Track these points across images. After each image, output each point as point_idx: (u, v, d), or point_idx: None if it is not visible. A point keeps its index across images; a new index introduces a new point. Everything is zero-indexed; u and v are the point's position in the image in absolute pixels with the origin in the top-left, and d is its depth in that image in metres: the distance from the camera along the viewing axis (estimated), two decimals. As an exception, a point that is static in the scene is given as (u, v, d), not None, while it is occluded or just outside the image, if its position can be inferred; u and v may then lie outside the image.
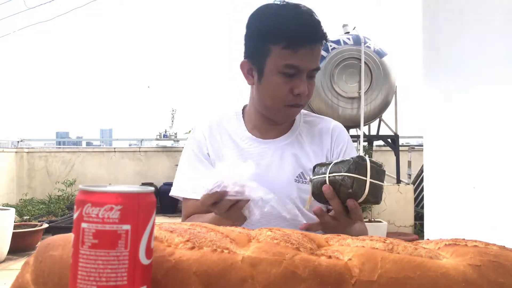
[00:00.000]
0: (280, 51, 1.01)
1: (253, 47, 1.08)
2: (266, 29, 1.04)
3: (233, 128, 1.17)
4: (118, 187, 0.43)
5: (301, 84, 1.03)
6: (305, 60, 1.02)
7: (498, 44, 1.75)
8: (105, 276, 0.40)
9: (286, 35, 1.00)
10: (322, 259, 0.48)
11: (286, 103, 1.06)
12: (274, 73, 1.04)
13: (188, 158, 1.17)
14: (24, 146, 8.27)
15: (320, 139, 1.18)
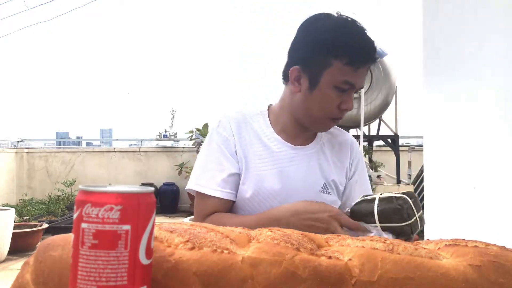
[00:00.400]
0: (341, 66, 1.01)
1: (309, 56, 1.05)
2: (330, 42, 1.02)
3: (260, 128, 1.14)
4: (118, 187, 0.43)
5: (349, 100, 1.05)
6: (361, 78, 1.04)
7: (498, 44, 1.75)
8: (105, 276, 0.40)
9: (351, 52, 1.00)
10: (322, 259, 0.48)
11: (331, 116, 1.07)
12: (329, 86, 1.03)
13: (213, 153, 1.11)
14: (24, 146, 8.26)
15: (340, 151, 1.20)
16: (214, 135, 1.13)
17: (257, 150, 1.10)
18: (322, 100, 1.05)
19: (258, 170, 1.08)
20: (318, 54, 1.03)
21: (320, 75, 1.04)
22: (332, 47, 1.02)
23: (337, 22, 1.05)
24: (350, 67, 1.01)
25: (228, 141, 1.11)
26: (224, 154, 1.09)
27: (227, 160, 1.09)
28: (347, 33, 1.03)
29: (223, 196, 1.07)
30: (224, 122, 1.13)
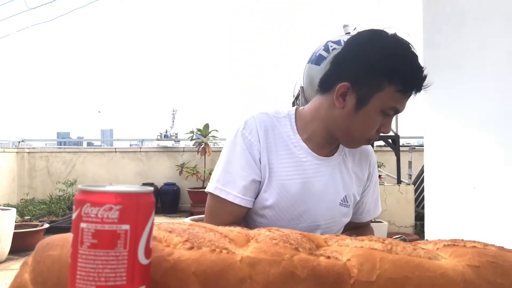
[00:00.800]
0: (393, 92, 0.99)
1: (363, 76, 1.01)
2: (388, 67, 0.99)
3: (287, 133, 1.10)
4: (117, 187, 0.43)
5: (389, 125, 1.04)
6: (405, 106, 1.03)
7: (498, 44, 1.75)
8: (104, 276, 0.41)
9: (406, 80, 0.99)
10: (321, 260, 0.48)
11: (369, 137, 1.06)
12: (376, 110, 1.01)
13: (236, 156, 1.06)
14: (25, 146, 8.27)
15: (360, 162, 1.18)
16: (239, 137, 1.08)
17: (282, 158, 1.07)
18: (366, 122, 1.03)
19: (281, 179, 1.06)
20: (373, 77, 1.00)
21: (370, 98, 1.00)
22: (389, 72, 0.98)
23: (395, 45, 1.01)
24: (400, 94, 0.99)
25: (253, 146, 1.06)
26: (248, 160, 1.05)
27: (250, 166, 1.05)
28: (404, 60, 0.99)
29: (242, 204, 1.04)
30: (250, 125, 1.08)
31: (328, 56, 5.66)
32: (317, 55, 5.86)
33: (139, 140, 8.98)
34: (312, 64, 6.05)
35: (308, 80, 6.34)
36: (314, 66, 5.97)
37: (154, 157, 7.78)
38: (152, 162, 7.72)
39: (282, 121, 1.12)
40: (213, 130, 7.54)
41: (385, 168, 6.01)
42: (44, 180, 7.61)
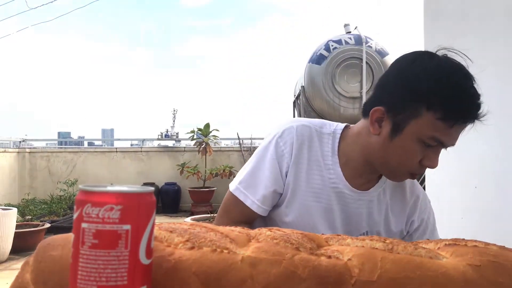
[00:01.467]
0: (433, 120, 0.88)
1: (399, 100, 0.93)
2: (425, 90, 0.89)
3: (325, 153, 1.03)
4: (118, 187, 0.43)
5: (435, 159, 0.92)
6: (453, 138, 0.91)
7: (499, 43, 1.75)
8: (105, 276, 0.41)
9: (447, 107, 0.87)
10: (322, 259, 0.48)
11: (410, 170, 0.95)
12: (413, 138, 0.91)
13: (265, 164, 1.03)
14: (26, 146, 8.28)
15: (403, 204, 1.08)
16: (272, 144, 1.04)
17: (313, 178, 1.02)
18: (402, 152, 0.93)
19: (306, 200, 1.02)
20: (409, 101, 0.91)
21: (405, 124, 0.91)
22: (426, 96, 0.88)
23: (440, 67, 0.90)
24: (442, 124, 0.87)
25: (283, 157, 1.02)
26: (275, 170, 1.02)
27: (275, 177, 1.02)
28: (447, 83, 0.88)
29: (258, 212, 1.03)
30: (287, 136, 1.03)
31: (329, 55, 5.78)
32: (318, 55, 6.00)
33: (140, 140, 8.98)
34: (313, 63, 6.18)
35: (309, 79, 6.43)
36: (315, 66, 6.10)
37: (155, 157, 7.78)
38: (153, 162, 7.73)
39: (325, 138, 1.04)
40: (214, 129, 7.55)
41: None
42: (45, 180, 7.62)
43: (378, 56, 5.50)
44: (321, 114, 5.64)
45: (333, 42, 5.58)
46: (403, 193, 1.08)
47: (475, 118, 0.89)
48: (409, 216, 1.09)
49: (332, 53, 5.47)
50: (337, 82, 5.44)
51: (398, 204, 1.07)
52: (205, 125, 7.51)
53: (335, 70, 5.43)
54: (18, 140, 8.43)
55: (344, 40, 5.61)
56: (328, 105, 5.49)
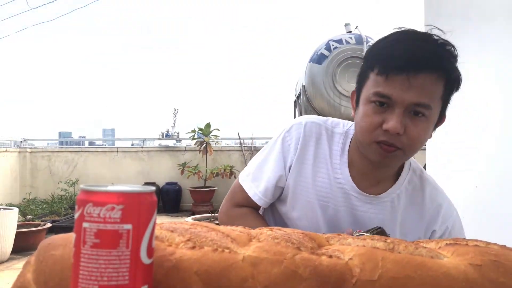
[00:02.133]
0: (374, 77, 0.87)
1: (358, 74, 0.95)
2: (369, 54, 0.92)
3: (334, 152, 1.01)
4: (119, 186, 0.43)
5: (392, 120, 0.85)
6: (398, 89, 0.84)
7: (500, 43, 1.75)
8: (106, 275, 0.41)
9: (378, 60, 0.87)
10: (323, 259, 0.48)
11: (374, 138, 0.88)
12: (366, 102, 0.89)
13: (272, 157, 1.04)
14: (27, 146, 8.29)
15: (419, 212, 1.01)
16: (280, 139, 1.04)
17: (319, 176, 1.00)
18: (361, 119, 0.90)
19: (311, 198, 1.00)
20: (362, 70, 0.93)
21: (361, 92, 0.92)
22: (369, 59, 0.90)
23: (393, 33, 0.90)
24: (381, 77, 0.86)
25: (289, 152, 1.02)
26: (279, 164, 1.03)
27: (279, 171, 1.02)
28: (386, 42, 0.89)
29: (260, 203, 1.05)
30: (294, 131, 1.03)
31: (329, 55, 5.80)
32: (319, 54, 6.02)
33: (141, 140, 8.99)
34: (314, 63, 6.20)
35: (309, 79, 6.45)
36: (315, 65, 6.11)
37: (156, 157, 7.78)
38: (153, 162, 7.73)
39: (336, 137, 1.02)
40: (215, 129, 7.55)
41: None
42: (46, 179, 7.63)
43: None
44: (321, 113, 5.64)
45: (334, 42, 5.58)
46: (422, 200, 1.01)
47: (415, 69, 0.84)
48: (429, 225, 1.01)
49: (332, 53, 5.46)
50: (338, 81, 5.43)
51: (416, 212, 1.01)
52: (206, 125, 7.51)
53: (336, 70, 5.42)
54: (19, 140, 8.44)
55: (345, 39, 5.61)
56: (328, 105, 5.49)
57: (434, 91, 0.86)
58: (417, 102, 0.85)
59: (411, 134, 0.86)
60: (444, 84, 0.87)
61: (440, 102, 0.90)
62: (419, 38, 0.88)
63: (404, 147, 0.87)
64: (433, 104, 0.87)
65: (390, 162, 0.93)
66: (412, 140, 0.87)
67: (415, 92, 0.84)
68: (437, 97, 0.88)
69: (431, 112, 0.87)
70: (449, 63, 0.88)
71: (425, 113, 0.86)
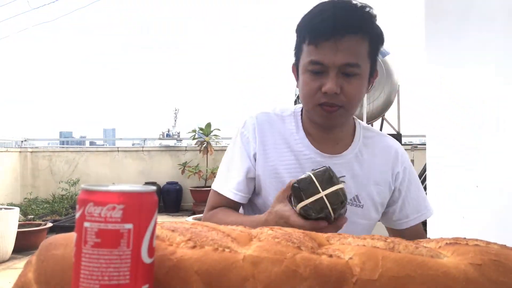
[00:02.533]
0: (307, 48, 0.97)
1: (294, 48, 1.04)
2: (299, 27, 1.00)
3: (290, 131, 1.08)
4: (120, 186, 0.43)
5: (328, 81, 0.95)
6: (328, 55, 0.94)
7: (501, 42, 1.75)
8: (107, 275, 0.41)
9: (308, 30, 0.96)
10: (323, 258, 0.48)
11: (316, 102, 0.98)
12: (303, 72, 0.99)
13: (235, 154, 1.10)
14: (28, 146, 8.29)
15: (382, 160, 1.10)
16: (238, 137, 1.11)
17: (284, 156, 1.06)
18: (302, 88, 1.01)
19: (282, 177, 1.03)
20: (296, 43, 1.02)
21: (298, 64, 1.02)
22: (299, 32, 0.99)
23: (318, 5, 0.99)
24: (312, 46, 0.95)
25: (249, 143, 1.08)
26: (243, 156, 1.08)
27: (245, 162, 1.07)
28: (312, 13, 0.98)
29: (236, 199, 1.06)
30: (248, 123, 1.10)
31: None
32: (319, 54, 5.56)
33: (142, 140, 8.99)
34: (314, 62, 5.79)
35: (310, 78, 6.06)
36: (316, 65, 5.70)
37: (157, 156, 7.79)
38: (154, 161, 7.74)
39: (287, 119, 1.10)
40: (215, 129, 7.55)
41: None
42: (47, 179, 7.64)
43: (379, 56, 5.49)
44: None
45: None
46: (381, 149, 1.11)
47: (338, 32, 0.93)
48: (393, 169, 1.11)
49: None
50: (339, 81, 5.43)
51: (380, 160, 1.10)
52: (207, 125, 7.51)
53: (337, 69, 5.42)
54: (20, 139, 8.44)
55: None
56: (329, 104, 5.49)
57: (360, 50, 0.96)
58: (346, 63, 0.94)
59: (348, 92, 0.96)
60: (368, 43, 0.98)
61: (368, 59, 1.00)
62: (340, 5, 0.97)
63: (344, 104, 0.98)
64: (361, 62, 0.97)
65: (336, 120, 1.03)
66: (350, 97, 0.97)
67: (343, 54, 0.94)
68: (364, 55, 0.98)
69: (361, 70, 0.97)
70: (369, 23, 0.98)
71: (356, 71, 0.96)
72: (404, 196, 1.12)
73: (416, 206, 1.14)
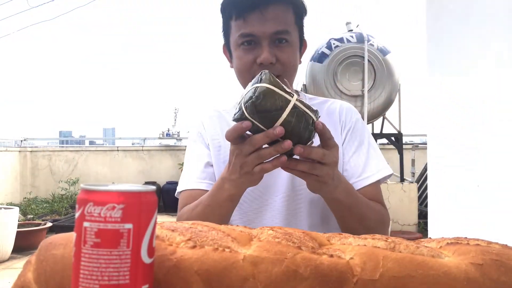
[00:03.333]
0: (235, 23, 0.99)
1: (222, 29, 1.05)
2: (223, 6, 1.01)
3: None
4: (120, 186, 0.43)
5: (262, 52, 0.96)
6: (257, 26, 0.96)
7: (502, 41, 1.75)
8: (107, 275, 0.41)
9: (234, 5, 0.98)
10: (324, 258, 0.48)
11: (253, 74, 0.94)
12: (236, 48, 1.00)
13: (193, 148, 1.12)
14: (27, 145, 8.30)
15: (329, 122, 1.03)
16: (192, 134, 1.15)
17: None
18: (237, 64, 1.01)
19: None
20: (224, 22, 1.03)
21: (229, 43, 1.03)
22: (225, 10, 1.01)
23: None
24: (239, 21, 0.97)
25: (201, 136, 1.11)
26: (200, 147, 1.10)
27: (202, 151, 1.09)
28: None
29: (202, 187, 1.02)
30: (198, 120, 1.15)
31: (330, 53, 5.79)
32: (320, 53, 6.02)
33: (141, 139, 9.00)
34: (315, 61, 6.20)
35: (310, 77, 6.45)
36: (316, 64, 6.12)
37: (156, 156, 7.79)
38: (154, 161, 7.74)
39: (232, 110, 1.09)
40: (215, 128, 7.55)
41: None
42: (46, 179, 7.64)
43: (380, 54, 5.48)
44: (322, 112, 5.64)
45: (335, 40, 5.58)
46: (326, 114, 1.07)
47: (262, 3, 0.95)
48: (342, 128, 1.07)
49: (334, 51, 5.46)
50: (339, 80, 5.43)
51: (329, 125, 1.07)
52: (207, 124, 7.50)
53: (337, 68, 5.42)
54: (19, 139, 8.44)
55: (346, 38, 5.60)
56: (329, 104, 5.49)
57: (286, 17, 0.99)
58: (276, 31, 0.96)
59: (283, 60, 0.98)
60: (292, 11, 1.00)
61: (296, 28, 1.01)
62: None
63: (281, 73, 0.97)
64: (290, 29, 0.99)
65: None
66: (285, 65, 0.98)
67: (271, 23, 0.96)
68: (291, 23, 1.00)
69: (291, 36, 0.99)
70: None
71: (286, 38, 0.98)
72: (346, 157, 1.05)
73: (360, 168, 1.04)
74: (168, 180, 7.38)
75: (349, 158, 1.04)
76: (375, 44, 5.55)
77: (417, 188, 5.39)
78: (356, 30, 5.86)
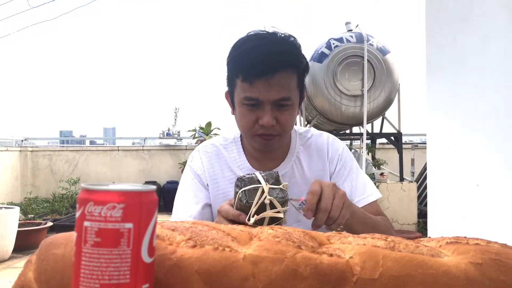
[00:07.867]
0: (240, 84, 1.03)
1: (227, 78, 1.09)
2: (231, 62, 1.05)
3: (233, 158, 1.16)
4: (120, 185, 0.43)
5: (264, 115, 1.02)
6: (262, 92, 1.00)
7: (501, 41, 1.75)
8: (107, 274, 0.41)
9: (241, 69, 1.02)
10: (324, 257, 0.48)
11: (254, 132, 1.06)
12: (239, 105, 1.05)
13: (188, 187, 1.16)
14: (28, 145, 8.30)
15: (318, 158, 1.17)
16: (188, 170, 1.18)
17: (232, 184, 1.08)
18: (239, 119, 1.07)
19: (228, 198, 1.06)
20: (229, 76, 1.07)
21: (233, 95, 1.07)
22: (233, 67, 1.04)
23: (247, 39, 1.04)
24: (245, 83, 1.01)
25: (200, 176, 1.15)
26: (198, 187, 1.14)
27: (201, 192, 1.13)
28: (241, 50, 1.03)
29: None
30: (196, 158, 1.18)
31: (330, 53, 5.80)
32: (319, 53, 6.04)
33: (142, 139, 8.99)
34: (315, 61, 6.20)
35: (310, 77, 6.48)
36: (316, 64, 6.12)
37: (157, 155, 7.79)
38: (154, 161, 7.74)
39: (229, 147, 1.18)
40: (216, 128, 7.55)
41: (388, 166, 6.01)
42: (47, 178, 7.64)
43: (380, 54, 5.48)
44: (322, 112, 5.64)
45: (335, 40, 5.57)
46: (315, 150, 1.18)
47: (270, 70, 0.99)
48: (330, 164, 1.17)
49: (333, 51, 5.45)
50: (339, 80, 5.42)
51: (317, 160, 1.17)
52: (207, 124, 7.51)
53: (337, 68, 5.41)
54: (20, 139, 8.44)
55: (346, 38, 5.59)
56: (329, 103, 5.49)
57: (290, 83, 1.04)
58: (279, 98, 1.02)
59: (282, 122, 1.04)
60: (297, 75, 1.05)
61: (297, 89, 1.07)
62: (268, 40, 1.03)
63: (279, 133, 1.06)
64: (292, 95, 1.04)
65: (274, 146, 1.11)
66: (284, 126, 1.06)
67: (275, 90, 1.01)
68: (294, 87, 1.05)
69: (292, 100, 1.05)
70: (295, 57, 1.05)
71: (288, 103, 1.04)
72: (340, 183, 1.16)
73: (355, 194, 1.16)
74: (169, 179, 7.38)
75: (342, 182, 1.15)
76: (375, 44, 5.54)
77: (416, 187, 5.39)
78: (355, 30, 5.85)
